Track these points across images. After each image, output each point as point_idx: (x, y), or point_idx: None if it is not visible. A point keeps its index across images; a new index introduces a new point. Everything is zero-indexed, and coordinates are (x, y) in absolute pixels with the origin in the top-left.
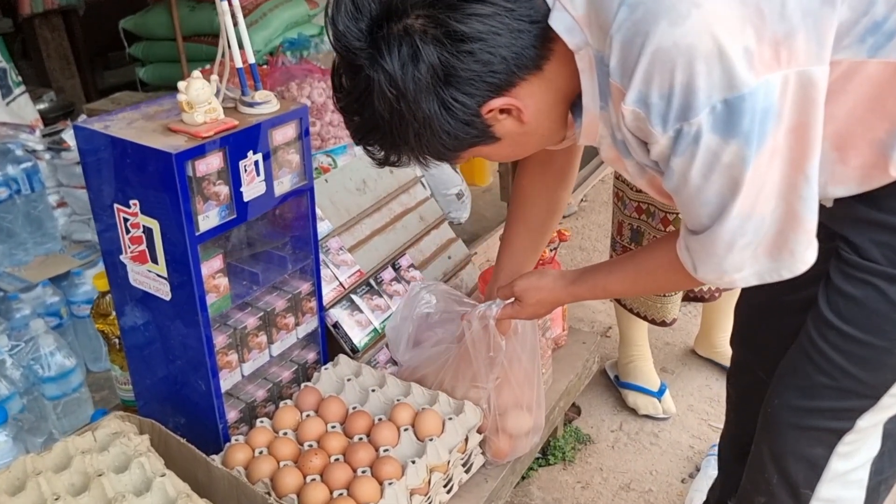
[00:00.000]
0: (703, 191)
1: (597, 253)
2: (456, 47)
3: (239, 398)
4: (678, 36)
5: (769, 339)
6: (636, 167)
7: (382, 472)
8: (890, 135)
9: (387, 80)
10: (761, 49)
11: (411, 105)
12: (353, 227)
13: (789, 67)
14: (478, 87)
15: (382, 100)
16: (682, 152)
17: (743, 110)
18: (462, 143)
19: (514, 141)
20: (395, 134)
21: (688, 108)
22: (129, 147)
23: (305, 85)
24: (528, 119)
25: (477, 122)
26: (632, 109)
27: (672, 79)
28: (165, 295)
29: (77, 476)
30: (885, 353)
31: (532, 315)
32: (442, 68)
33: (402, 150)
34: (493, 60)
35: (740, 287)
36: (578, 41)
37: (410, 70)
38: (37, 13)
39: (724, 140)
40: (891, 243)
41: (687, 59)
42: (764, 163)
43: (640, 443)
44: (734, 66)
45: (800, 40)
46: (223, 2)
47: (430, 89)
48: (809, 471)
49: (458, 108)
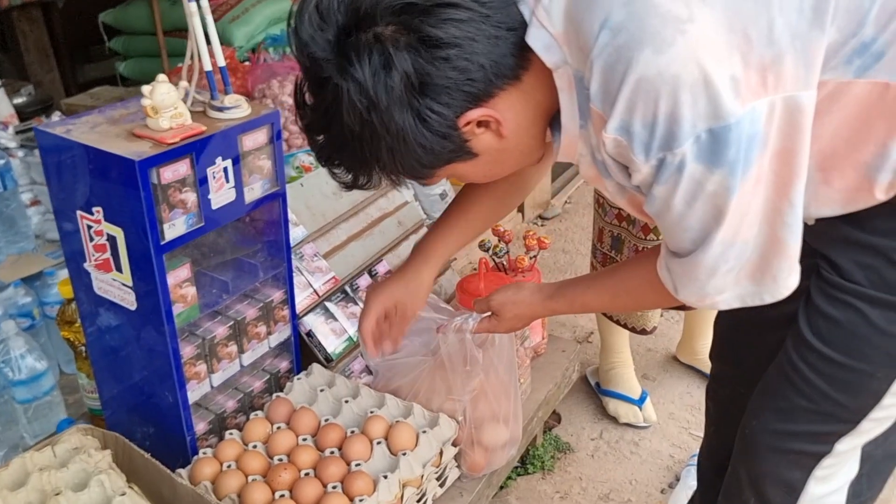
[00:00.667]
0: (686, 218)
1: (580, 255)
2: (431, 53)
3: (208, 409)
4: (663, 64)
5: (748, 355)
6: (616, 187)
7: (353, 488)
8: (875, 157)
9: (357, 91)
10: (748, 75)
11: (384, 117)
12: (328, 232)
13: (776, 93)
14: (455, 96)
15: (352, 112)
16: (664, 181)
17: (729, 140)
18: (438, 159)
19: (492, 158)
20: (366, 150)
21: (671, 137)
22: (91, 153)
23: (287, 83)
24: (508, 133)
25: (454, 135)
26: (613, 137)
27: (656, 108)
28: (131, 304)
29: (34, 494)
30: (865, 376)
31: (509, 329)
32: (416, 76)
33: (372, 168)
34: (470, 68)
35: (722, 308)
36: (557, 59)
37: (383, 78)
38: (15, 5)
39: (709, 169)
40: (874, 265)
41: (671, 89)
42: (748, 190)
43: (621, 452)
44: (720, 96)
45: (788, 65)
46: (191, 2)
47: (403, 99)
48: (787, 494)
49: (434, 120)
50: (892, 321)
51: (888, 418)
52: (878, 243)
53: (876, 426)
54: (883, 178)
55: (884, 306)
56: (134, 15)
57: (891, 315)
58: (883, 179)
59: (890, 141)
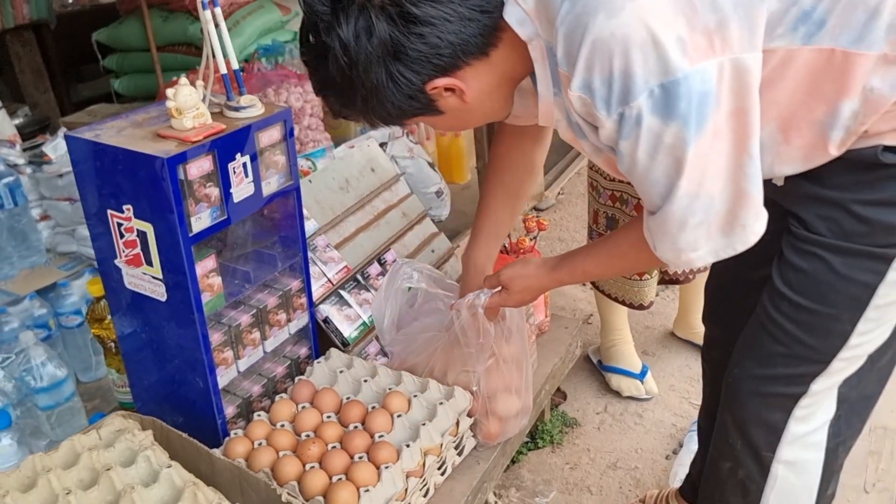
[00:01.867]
0: (651, 171)
1: (575, 243)
2: (407, 28)
3: (235, 394)
4: (614, 27)
5: (736, 315)
6: (592, 147)
7: (379, 457)
8: (827, 115)
9: (341, 48)
10: (694, 38)
11: (361, 73)
12: (338, 224)
13: (724, 55)
14: (424, 66)
15: (335, 65)
16: (627, 135)
17: (679, 94)
18: (406, 113)
19: (456, 116)
20: (346, 95)
21: (627, 92)
22: (120, 154)
23: (282, 90)
24: (470, 99)
25: (421, 97)
26: (578, 95)
27: (611, 66)
28: (161, 296)
29: (85, 472)
30: (831, 319)
31: (519, 302)
32: (392, 44)
33: (352, 110)
34: (439, 44)
35: (698, 266)
36: (530, 33)
37: (363, 41)
38: (8, 28)
39: (664, 122)
40: (833, 216)
41: (623, 48)
42: (706, 144)
43: (625, 423)
44: (667, 53)
45: (733, 29)
46: (206, 10)
47: (379, 61)
48: (770, 435)
49: (404, 83)
50: (852, 266)
51: (857, 357)
52: (836, 197)
53: (847, 366)
54: (835, 136)
55: (844, 253)
56: (127, 32)
57: (850, 261)
58: (835, 137)
59: (839, 102)
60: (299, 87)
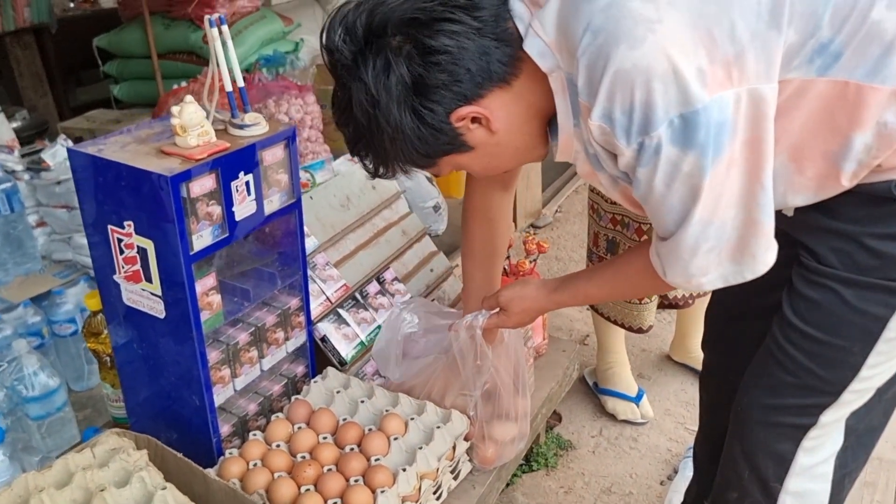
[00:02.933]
0: (667, 198)
1: (572, 262)
2: (424, 59)
3: (231, 412)
4: (636, 58)
5: (738, 343)
6: (609, 179)
7: (375, 481)
8: (840, 147)
9: (364, 91)
10: (713, 69)
11: (384, 112)
12: (338, 242)
13: (741, 85)
14: (445, 95)
15: (360, 108)
16: (645, 163)
17: (698, 124)
18: (435, 150)
19: (487, 151)
20: (374, 141)
21: (648, 122)
22: (123, 170)
23: (283, 101)
24: (498, 129)
25: (447, 128)
26: (598, 125)
27: (632, 97)
28: (159, 313)
29: (79, 492)
30: (843, 351)
31: (517, 324)
32: (411, 77)
33: (383, 158)
34: (458, 72)
35: (707, 290)
36: (550, 64)
37: (383, 80)
38: (8, 31)
39: (683, 151)
40: (845, 249)
41: (645, 79)
42: (721, 172)
43: (620, 447)
44: (688, 84)
45: (749, 61)
46: (213, 28)
47: (400, 98)
48: (778, 465)
49: (428, 115)
50: (865, 299)
51: (867, 390)
52: (848, 230)
53: (856, 398)
54: (848, 168)
55: (857, 286)
56: (128, 39)
57: (863, 294)
58: (848, 168)
59: (852, 134)
60: (300, 98)
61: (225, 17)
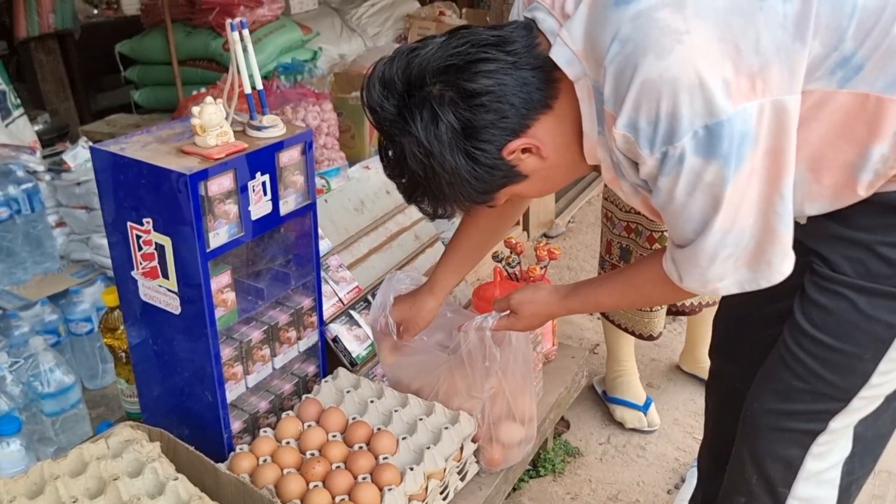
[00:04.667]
0: (688, 207)
1: (584, 272)
2: (468, 103)
3: (242, 409)
4: (663, 68)
5: (746, 350)
6: (630, 188)
7: (382, 479)
8: (858, 157)
9: (415, 143)
10: (738, 80)
11: (439, 160)
12: (351, 245)
13: (764, 97)
14: (494, 133)
15: (414, 160)
16: (668, 172)
17: (722, 135)
18: (492, 186)
19: (541, 176)
20: (433, 188)
21: (672, 133)
22: (144, 168)
23: (300, 108)
24: (548, 154)
25: (500, 164)
26: (622, 133)
27: (658, 107)
28: (175, 309)
29: (93, 481)
30: (854, 358)
31: (527, 327)
32: (459, 123)
33: (443, 201)
34: (503, 108)
35: (722, 294)
36: (577, 72)
37: (432, 130)
38: (33, 36)
39: (706, 161)
40: (859, 257)
41: (671, 90)
42: (742, 182)
43: (628, 455)
44: (713, 96)
45: (773, 72)
46: (234, 32)
47: (452, 144)
48: (786, 470)
49: (481, 155)
50: (877, 307)
51: (877, 397)
52: (862, 238)
53: (866, 404)
54: (864, 178)
55: (869, 294)
56: (150, 45)
57: (876, 301)
58: (864, 178)
59: (870, 145)
60: (317, 105)
61: (246, 23)
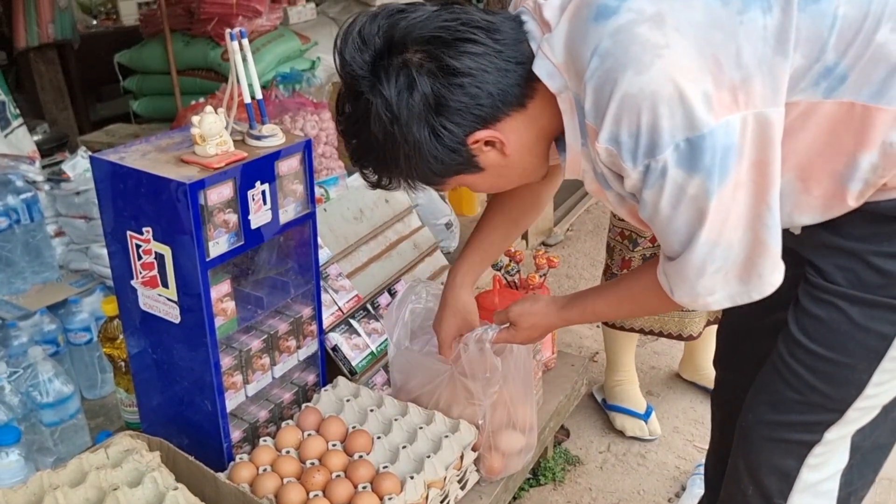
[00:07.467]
0: (673, 220)
1: (583, 280)
2: (448, 80)
3: (242, 419)
4: (643, 83)
5: (748, 360)
6: (616, 197)
7: (382, 488)
8: (846, 167)
9: (384, 105)
10: (720, 94)
11: (403, 129)
12: (350, 254)
13: (748, 109)
14: (465, 117)
15: (378, 122)
16: (651, 185)
17: (704, 148)
18: (448, 169)
19: (496, 172)
20: (388, 156)
21: (654, 146)
22: (144, 177)
23: (298, 118)
24: (511, 153)
25: (462, 150)
26: (605, 147)
27: (639, 120)
28: (175, 318)
29: (92, 491)
30: (848, 369)
31: (526, 339)
32: (434, 97)
33: (393, 172)
34: (480, 94)
35: (714, 309)
36: (559, 85)
37: (405, 97)
38: (32, 46)
39: (689, 174)
40: (851, 267)
41: (651, 104)
42: (727, 195)
43: (628, 463)
44: (694, 109)
45: (756, 85)
46: (233, 41)
47: (421, 116)
48: (782, 482)
49: (446, 136)
50: (870, 317)
51: (873, 408)
52: (855, 248)
53: (861, 415)
54: (854, 187)
55: (862, 304)
56: (148, 55)
57: (868, 312)
58: (854, 188)
59: (858, 154)
60: (315, 115)
61: (245, 32)
